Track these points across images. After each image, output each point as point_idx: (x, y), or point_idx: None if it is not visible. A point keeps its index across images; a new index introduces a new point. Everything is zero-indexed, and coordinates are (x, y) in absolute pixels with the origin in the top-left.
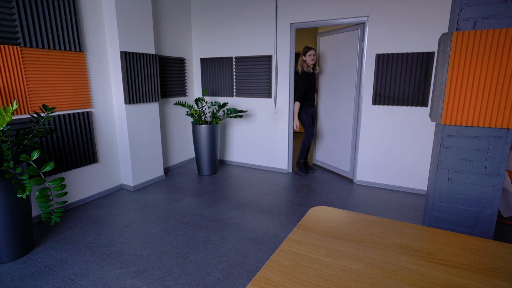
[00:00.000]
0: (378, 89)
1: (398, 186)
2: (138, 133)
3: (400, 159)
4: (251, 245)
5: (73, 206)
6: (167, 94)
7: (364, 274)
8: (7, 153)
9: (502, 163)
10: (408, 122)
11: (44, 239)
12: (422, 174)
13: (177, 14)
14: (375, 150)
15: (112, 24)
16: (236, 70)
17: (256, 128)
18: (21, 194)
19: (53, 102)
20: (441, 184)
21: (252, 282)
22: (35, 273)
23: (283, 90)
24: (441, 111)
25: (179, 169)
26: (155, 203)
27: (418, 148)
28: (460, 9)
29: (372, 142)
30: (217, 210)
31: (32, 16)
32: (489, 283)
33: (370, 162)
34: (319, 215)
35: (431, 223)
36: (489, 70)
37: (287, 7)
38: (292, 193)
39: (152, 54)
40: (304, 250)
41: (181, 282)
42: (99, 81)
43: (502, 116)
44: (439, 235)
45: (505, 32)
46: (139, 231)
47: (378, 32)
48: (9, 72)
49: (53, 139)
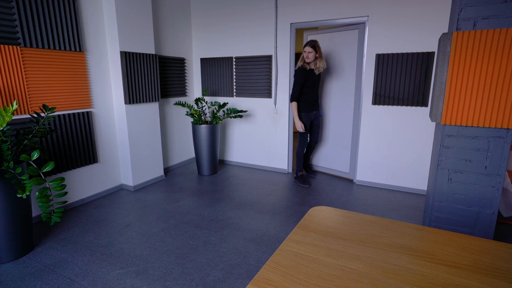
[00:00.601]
0: (378, 89)
1: (398, 186)
2: (138, 133)
3: (400, 159)
4: (251, 245)
5: (73, 206)
6: (167, 94)
7: (364, 274)
8: (7, 153)
9: (502, 163)
10: (408, 122)
11: (44, 239)
12: (422, 174)
13: (177, 14)
14: (375, 150)
15: (112, 24)
16: (236, 70)
17: (256, 128)
18: (21, 194)
19: (53, 102)
20: (441, 184)
21: (252, 282)
22: (35, 273)
23: (283, 90)
24: (441, 111)
25: (179, 169)
26: (155, 203)
27: (418, 148)
28: (460, 9)
29: (372, 142)
30: (217, 210)
31: (32, 16)
32: (489, 283)
33: (370, 162)
34: (319, 215)
35: (431, 223)
36: (489, 70)
37: (287, 7)
38: (292, 193)
39: (152, 54)
40: (304, 250)
41: (181, 282)
42: (99, 81)
43: (502, 116)
44: (439, 235)
45: (505, 32)
46: (139, 231)
47: (378, 32)
48: (9, 72)
49: (53, 139)
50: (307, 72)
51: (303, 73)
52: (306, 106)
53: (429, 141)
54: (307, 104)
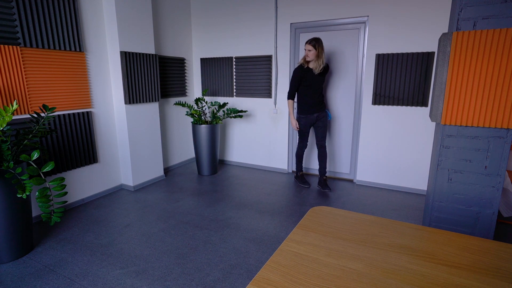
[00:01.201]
0: (378, 89)
1: (398, 186)
2: (138, 133)
3: (400, 159)
4: (251, 245)
5: (73, 206)
6: (167, 94)
7: (364, 274)
8: (7, 153)
9: (502, 163)
10: (408, 122)
11: (44, 239)
12: (422, 174)
13: (177, 14)
14: (375, 150)
15: (112, 24)
16: (236, 70)
17: (256, 128)
18: (21, 194)
19: (53, 102)
20: (441, 184)
21: (252, 282)
22: (35, 273)
23: (283, 90)
24: (441, 111)
25: (179, 169)
26: (155, 203)
27: (418, 148)
28: (460, 9)
29: (372, 142)
30: (217, 210)
31: (32, 16)
32: (489, 283)
33: (370, 162)
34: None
35: (431, 223)
36: (489, 70)
37: (287, 7)
38: (292, 193)
39: (152, 54)
40: (304, 250)
41: (181, 282)
42: (99, 81)
43: (502, 116)
44: (439, 235)
45: (505, 32)
46: (139, 231)
47: (378, 32)
48: (9, 72)
49: (53, 139)
50: (304, 71)
51: (299, 71)
52: (305, 108)
53: (429, 141)
54: (306, 105)
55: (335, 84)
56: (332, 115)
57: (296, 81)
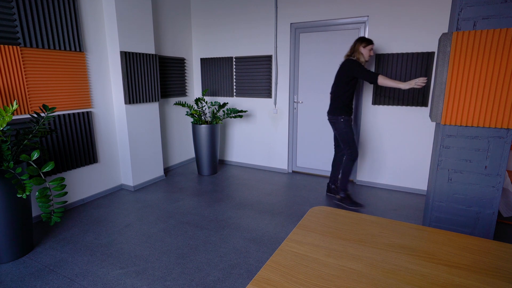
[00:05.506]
0: (378, 89)
1: (398, 186)
2: (138, 133)
3: (400, 159)
4: (251, 245)
5: (73, 206)
6: (167, 94)
7: (364, 274)
8: (7, 153)
9: (502, 163)
10: (408, 122)
11: (44, 239)
12: (422, 174)
13: (177, 14)
14: (375, 150)
15: (112, 24)
16: (236, 70)
17: (256, 128)
18: (21, 194)
19: (53, 102)
20: (441, 184)
21: (252, 282)
22: (35, 273)
23: (283, 90)
24: (441, 111)
25: (179, 169)
26: (155, 203)
27: (418, 148)
28: (460, 9)
29: (372, 142)
30: (217, 210)
31: (32, 16)
32: (489, 283)
33: (370, 162)
34: (319, 215)
35: (431, 223)
36: (489, 70)
37: (287, 7)
38: (292, 193)
39: (152, 54)
40: (304, 250)
41: (181, 282)
42: (99, 81)
43: (502, 116)
44: (439, 235)
45: (505, 32)
46: (139, 231)
47: (378, 32)
48: (9, 72)
49: (53, 139)
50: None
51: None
52: (350, 108)
53: (429, 141)
54: (347, 107)
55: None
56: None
57: (364, 69)
